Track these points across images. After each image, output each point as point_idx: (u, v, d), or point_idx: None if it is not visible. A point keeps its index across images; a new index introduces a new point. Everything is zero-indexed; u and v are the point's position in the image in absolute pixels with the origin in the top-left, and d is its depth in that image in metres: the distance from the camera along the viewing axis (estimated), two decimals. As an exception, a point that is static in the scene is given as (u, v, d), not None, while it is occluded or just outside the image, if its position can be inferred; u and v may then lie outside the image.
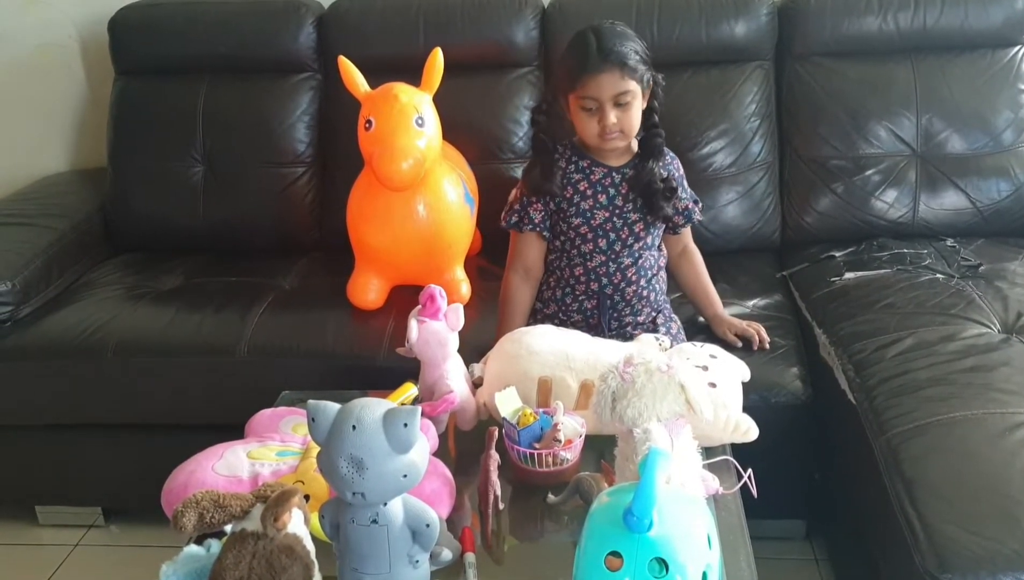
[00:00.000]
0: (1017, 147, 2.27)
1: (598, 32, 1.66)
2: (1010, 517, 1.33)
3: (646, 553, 1.00)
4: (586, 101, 1.66)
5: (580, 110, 1.68)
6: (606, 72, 1.63)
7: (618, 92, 1.64)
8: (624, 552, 1.01)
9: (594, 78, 1.63)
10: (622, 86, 1.64)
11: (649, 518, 1.00)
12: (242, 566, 1.05)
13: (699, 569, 1.02)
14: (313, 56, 2.48)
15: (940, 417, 1.55)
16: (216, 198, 2.46)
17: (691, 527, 1.05)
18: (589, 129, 1.69)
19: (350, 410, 1.04)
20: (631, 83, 1.64)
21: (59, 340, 2.08)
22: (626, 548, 1.01)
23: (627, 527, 1.01)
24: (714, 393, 1.46)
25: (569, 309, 1.84)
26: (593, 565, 1.02)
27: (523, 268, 1.84)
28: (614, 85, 1.63)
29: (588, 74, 1.63)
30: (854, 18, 2.30)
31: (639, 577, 1.00)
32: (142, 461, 1.91)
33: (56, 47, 2.72)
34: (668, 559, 1.01)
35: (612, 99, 1.64)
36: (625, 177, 1.77)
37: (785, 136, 2.37)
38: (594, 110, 1.66)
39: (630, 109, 1.66)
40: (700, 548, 1.03)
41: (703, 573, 1.03)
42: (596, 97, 1.65)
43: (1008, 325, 1.84)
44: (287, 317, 2.09)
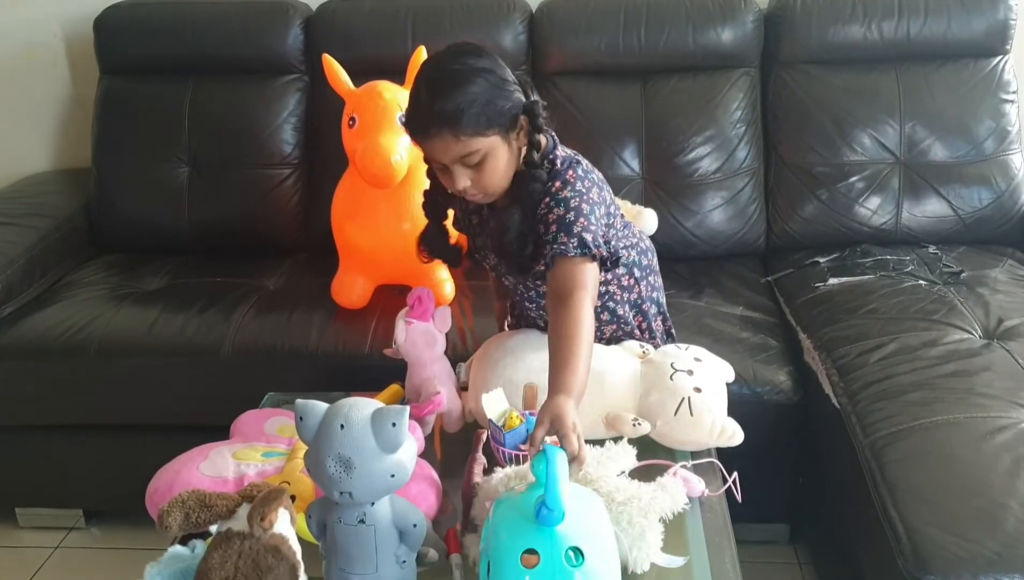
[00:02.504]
0: (999, 156, 2.30)
1: (430, 81, 1.33)
2: (991, 519, 1.34)
3: (562, 544, 1.02)
4: (433, 163, 1.39)
5: (433, 167, 1.40)
6: (435, 137, 1.31)
7: (460, 155, 1.32)
8: (539, 547, 1.02)
9: (426, 143, 1.33)
10: (461, 149, 1.31)
11: (561, 510, 1.02)
12: (228, 566, 1.04)
13: (614, 553, 1.05)
14: (300, 58, 2.47)
15: (922, 421, 1.57)
16: (201, 199, 2.45)
17: (597, 516, 1.08)
18: (448, 186, 1.41)
19: (338, 409, 1.04)
20: (475, 141, 1.30)
21: (42, 340, 2.07)
22: (541, 543, 1.02)
23: (540, 522, 1.02)
24: (699, 397, 1.47)
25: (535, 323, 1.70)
26: (509, 565, 1.02)
27: None
28: (450, 150, 1.31)
29: (419, 136, 1.34)
30: (839, 26, 2.32)
31: (557, 569, 1.00)
32: (124, 463, 1.90)
33: (41, 46, 2.70)
34: (583, 546, 1.02)
35: (457, 161, 1.33)
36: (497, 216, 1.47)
37: (770, 142, 2.39)
38: (443, 170, 1.37)
39: (485, 167, 1.34)
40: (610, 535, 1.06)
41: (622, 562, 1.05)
42: (437, 161, 1.36)
43: (989, 331, 1.86)
44: (272, 318, 2.08)
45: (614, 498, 1.22)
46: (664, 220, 2.17)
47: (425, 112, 1.31)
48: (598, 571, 1.03)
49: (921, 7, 2.30)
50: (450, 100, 1.28)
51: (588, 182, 1.44)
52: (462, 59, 1.33)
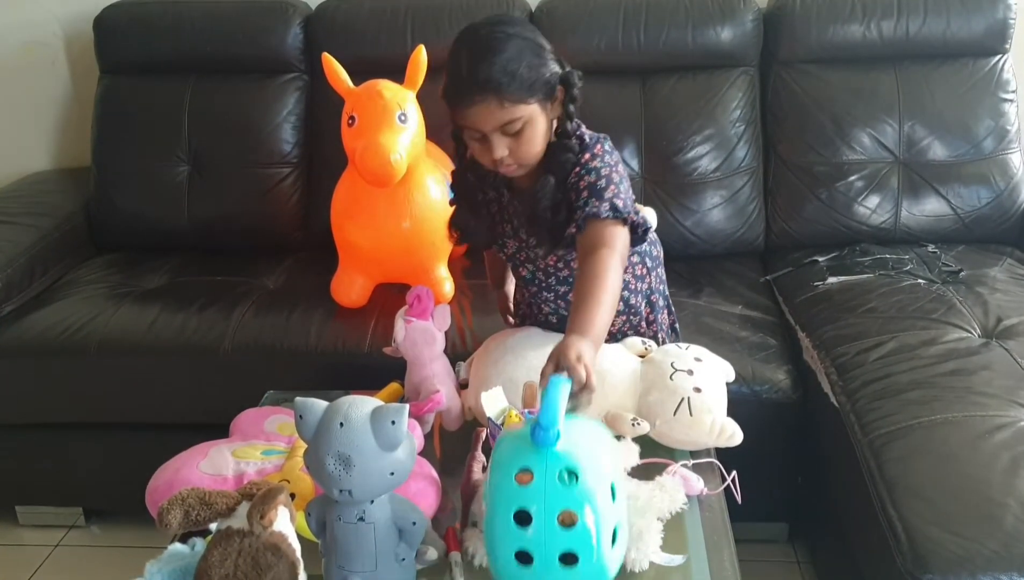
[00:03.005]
0: (998, 155, 2.30)
1: (472, 48, 1.33)
2: (990, 518, 1.35)
3: (555, 465, 1.04)
4: (469, 132, 1.37)
5: (468, 138, 1.40)
6: (479, 104, 1.30)
7: (502, 123, 1.32)
8: (533, 466, 1.04)
9: (468, 110, 1.32)
10: (504, 116, 1.31)
11: (555, 430, 1.03)
12: (228, 564, 1.04)
13: (607, 481, 1.05)
14: (300, 57, 2.48)
15: (921, 420, 1.57)
16: (201, 198, 2.45)
17: (596, 444, 1.10)
18: (482, 159, 1.40)
19: (338, 407, 1.04)
20: (518, 108, 1.31)
21: (42, 339, 2.07)
22: (535, 462, 1.04)
23: (535, 442, 1.04)
24: (699, 397, 1.47)
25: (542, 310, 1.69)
26: (504, 483, 1.05)
27: None
28: (493, 117, 1.31)
29: (462, 105, 1.32)
30: (839, 25, 2.32)
31: (550, 487, 1.03)
32: (124, 461, 1.90)
33: (41, 45, 2.70)
34: (576, 469, 1.04)
35: (497, 129, 1.33)
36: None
37: (770, 142, 2.39)
38: (481, 140, 1.36)
39: (524, 136, 1.34)
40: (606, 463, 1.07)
41: (611, 486, 1.06)
42: (477, 129, 1.35)
43: (988, 330, 1.87)
44: (271, 316, 2.08)
45: None
46: (663, 219, 2.17)
47: (468, 80, 1.30)
48: (591, 493, 1.03)
49: (920, 6, 2.30)
50: (495, 66, 1.29)
51: (615, 158, 1.44)
52: (503, 27, 1.34)
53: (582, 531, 1.04)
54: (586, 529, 1.04)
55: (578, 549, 1.04)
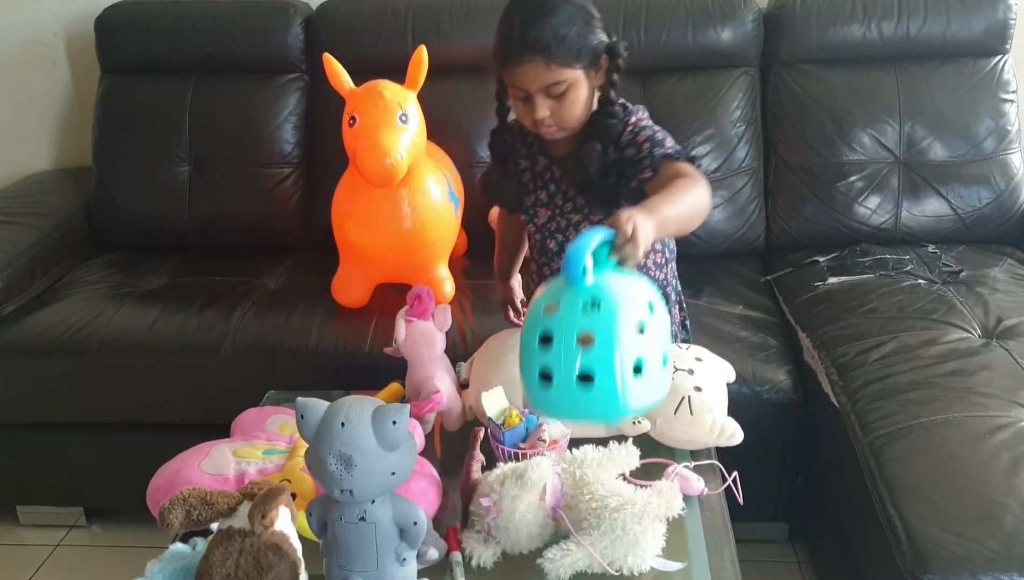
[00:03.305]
0: (998, 155, 2.30)
1: (526, 10, 1.37)
2: (990, 518, 1.35)
3: (579, 295, 1.08)
4: (515, 90, 1.41)
5: (513, 97, 1.44)
6: (528, 63, 1.35)
7: (547, 84, 1.37)
8: (561, 298, 1.09)
9: (517, 69, 1.36)
10: (550, 77, 1.36)
11: (582, 265, 1.07)
12: (229, 563, 1.04)
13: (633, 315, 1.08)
14: (301, 57, 2.48)
15: (922, 420, 1.57)
16: (202, 198, 2.45)
17: (627, 286, 1.11)
18: (523, 119, 1.45)
19: (339, 407, 1.04)
20: (564, 72, 1.36)
21: (42, 339, 2.07)
22: (564, 295, 1.09)
23: (564, 276, 1.09)
24: (699, 397, 1.48)
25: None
26: (534, 312, 1.12)
27: (505, 213, 1.74)
28: (540, 77, 1.36)
29: (511, 63, 1.37)
30: (839, 26, 2.32)
31: (572, 313, 1.07)
32: (125, 461, 1.90)
33: (42, 45, 2.70)
34: (599, 299, 1.07)
35: (542, 90, 1.37)
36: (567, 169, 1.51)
37: (770, 142, 2.39)
38: (525, 99, 1.41)
39: (567, 99, 1.39)
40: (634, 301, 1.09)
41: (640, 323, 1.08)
42: (523, 88, 1.39)
43: (988, 330, 1.87)
44: (272, 316, 2.08)
45: (607, 504, 1.22)
46: (664, 219, 2.17)
47: (520, 40, 1.34)
48: (610, 318, 1.06)
49: (921, 7, 2.30)
50: (547, 28, 1.33)
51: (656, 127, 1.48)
52: None
53: (598, 351, 1.06)
54: (602, 349, 1.06)
55: (594, 369, 1.06)
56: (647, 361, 1.09)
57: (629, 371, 1.07)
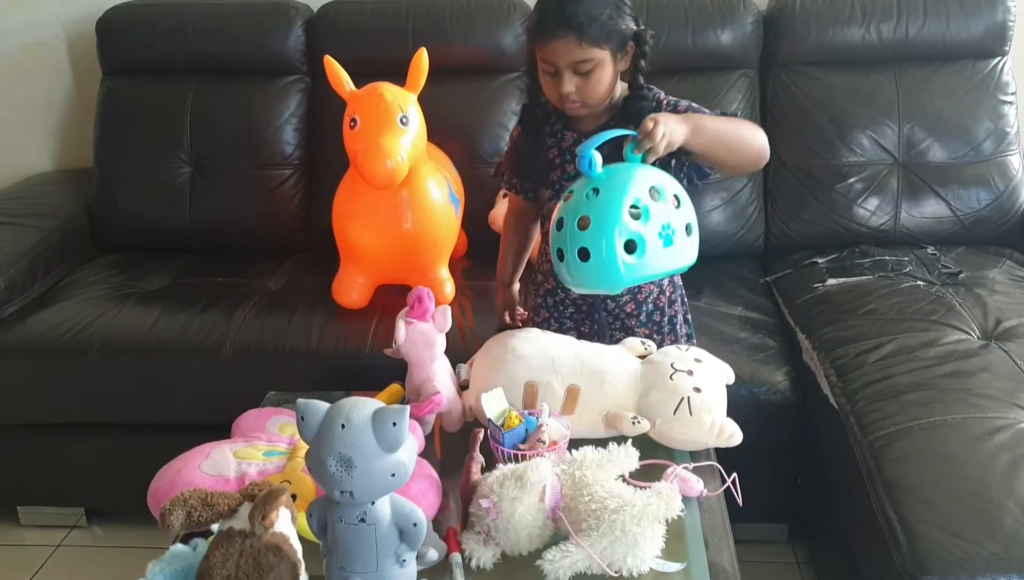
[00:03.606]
0: (997, 157, 2.31)
1: None
2: (989, 519, 1.35)
3: (585, 185, 1.33)
4: (545, 64, 1.49)
5: (542, 72, 1.51)
6: (560, 39, 1.43)
7: (576, 60, 1.44)
8: (575, 188, 1.36)
9: (549, 44, 1.45)
10: (579, 55, 1.43)
11: (588, 157, 1.31)
12: (229, 564, 1.05)
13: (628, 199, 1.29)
14: (302, 59, 2.48)
15: (921, 421, 1.58)
16: (203, 199, 2.46)
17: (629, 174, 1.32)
18: (550, 93, 1.52)
19: (339, 409, 1.05)
20: (592, 51, 1.44)
21: (44, 339, 2.08)
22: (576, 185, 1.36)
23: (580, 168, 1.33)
24: (698, 397, 1.48)
25: (559, 297, 1.73)
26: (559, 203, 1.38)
27: (517, 212, 1.78)
28: (570, 53, 1.43)
29: (544, 38, 1.45)
30: (838, 28, 2.33)
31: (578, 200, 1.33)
32: (126, 462, 1.90)
33: (43, 47, 2.71)
34: (599, 185, 1.32)
35: (570, 67, 1.45)
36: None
37: (770, 143, 2.38)
38: (553, 75, 1.48)
39: (592, 77, 1.46)
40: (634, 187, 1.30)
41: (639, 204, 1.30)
42: (553, 63, 1.46)
43: (987, 331, 1.87)
44: (273, 317, 2.09)
45: (607, 505, 1.22)
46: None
47: (555, 15, 1.43)
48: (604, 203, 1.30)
49: (920, 9, 2.30)
50: (581, 8, 1.42)
51: None
52: None
53: (591, 232, 1.30)
54: (593, 230, 1.29)
55: (589, 246, 1.30)
56: (646, 237, 1.30)
57: (619, 248, 1.29)
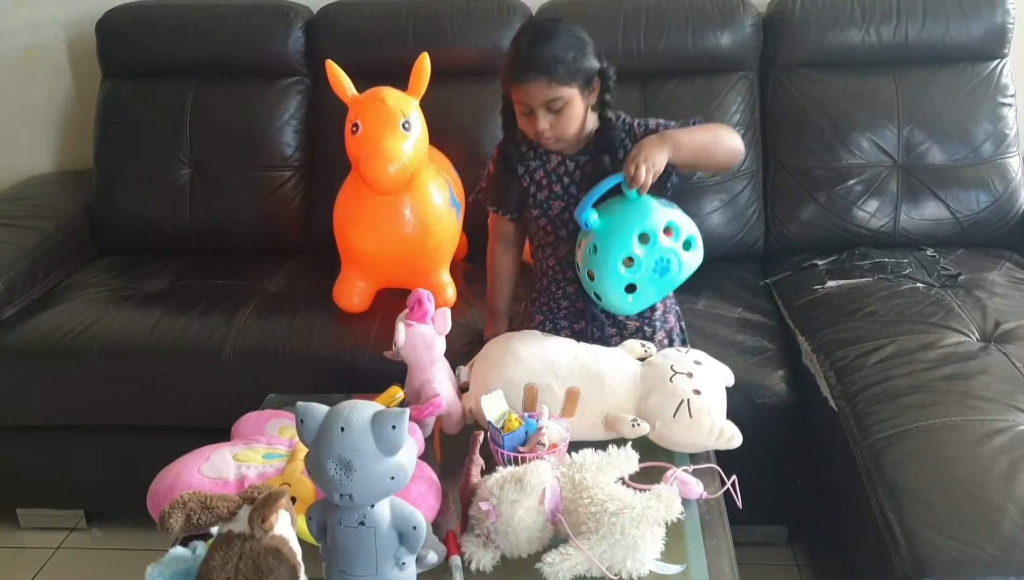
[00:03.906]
0: (996, 159, 2.31)
1: (532, 37, 1.62)
2: (988, 522, 1.35)
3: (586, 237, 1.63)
4: (520, 105, 1.64)
5: (518, 112, 1.66)
6: (532, 81, 1.58)
7: (547, 99, 1.60)
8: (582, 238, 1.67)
9: (522, 86, 1.60)
10: (550, 94, 1.59)
11: (585, 214, 1.59)
12: (229, 567, 1.05)
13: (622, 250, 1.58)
14: (301, 60, 2.48)
15: (920, 424, 1.57)
16: (203, 201, 2.46)
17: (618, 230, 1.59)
18: (527, 130, 1.68)
19: (339, 412, 1.05)
20: (562, 90, 1.59)
21: (44, 341, 2.07)
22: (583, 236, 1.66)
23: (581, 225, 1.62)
24: (698, 400, 1.48)
25: (555, 296, 1.84)
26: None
27: (502, 237, 1.88)
28: (541, 93, 1.59)
29: (517, 81, 1.61)
30: (838, 30, 2.33)
31: (586, 253, 1.63)
32: (125, 464, 1.91)
33: (43, 48, 2.71)
34: (597, 243, 1.61)
35: (543, 105, 1.61)
36: (580, 165, 1.73)
37: (769, 146, 2.39)
38: (528, 114, 1.64)
39: (564, 114, 1.62)
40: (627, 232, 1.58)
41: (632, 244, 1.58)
42: (526, 104, 1.62)
43: (986, 334, 1.87)
44: (273, 320, 2.09)
45: (606, 508, 1.22)
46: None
47: (527, 60, 1.58)
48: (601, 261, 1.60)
49: (919, 11, 2.30)
50: (549, 51, 1.57)
51: None
52: (559, 23, 1.65)
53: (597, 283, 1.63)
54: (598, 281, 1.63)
55: (599, 293, 1.65)
56: (642, 279, 1.60)
57: (621, 292, 1.61)
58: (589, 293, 1.69)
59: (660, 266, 1.61)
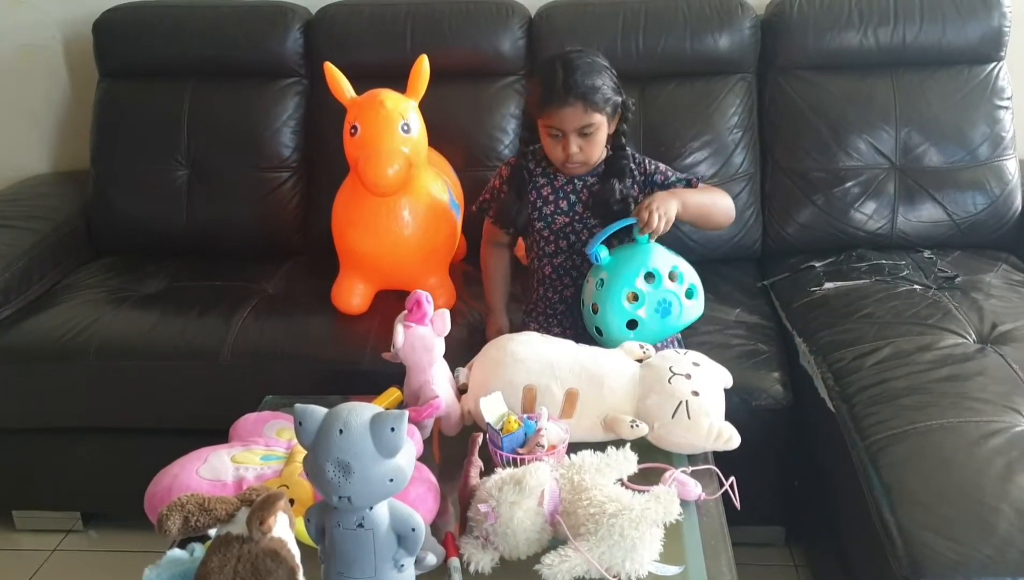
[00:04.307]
0: (993, 161, 2.31)
1: (566, 65, 1.69)
2: (985, 523, 1.35)
3: (596, 275, 1.72)
4: (551, 130, 1.72)
5: (547, 136, 1.74)
6: (569, 107, 1.67)
7: (582, 125, 1.69)
8: (592, 275, 1.74)
9: (558, 111, 1.68)
10: (585, 120, 1.68)
11: (593, 252, 1.70)
12: (227, 570, 1.04)
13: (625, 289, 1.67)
14: (300, 61, 2.48)
15: (917, 425, 1.58)
16: (200, 202, 2.45)
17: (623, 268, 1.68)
18: (553, 153, 1.75)
19: (337, 414, 1.05)
20: (595, 116, 1.69)
21: (40, 343, 2.07)
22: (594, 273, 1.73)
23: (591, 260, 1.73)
24: (696, 401, 1.48)
25: (552, 301, 1.89)
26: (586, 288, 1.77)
27: (496, 242, 1.94)
28: (577, 119, 1.68)
29: (553, 106, 1.68)
30: (836, 33, 2.33)
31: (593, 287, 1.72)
32: (122, 465, 1.90)
33: (40, 48, 2.70)
34: (605, 281, 1.69)
35: (576, 130, 1.70)
36: (587, 185, 1.80)
37: (767, 148, 2.40)
38: (558, 137, 1.72)
39: (593, 139, 1.71)
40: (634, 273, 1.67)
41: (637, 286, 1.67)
42: (560, 128, 1.70)
43: (983, 335, 1.87)
44: (271, 321, 2.09)
45: (605, 509, 1.22)
46: (661, 224, 2.18)
47: (564, 87, 1.67)
48: (606, 297, 1.68)
49: (916, 14, 2.31)
50: (588, 80, 1.68)
51: None
52: (590, 54, 1.74)
53: (600, 316, 1.70)
54: (601, 315, 1.69)
55: (601, 327, 1.70)
56: (644, 318, 1.67)
57: (623, 327, 1.67)
58: (591, 329, 1.74)
59: (662, 307, 1.68)
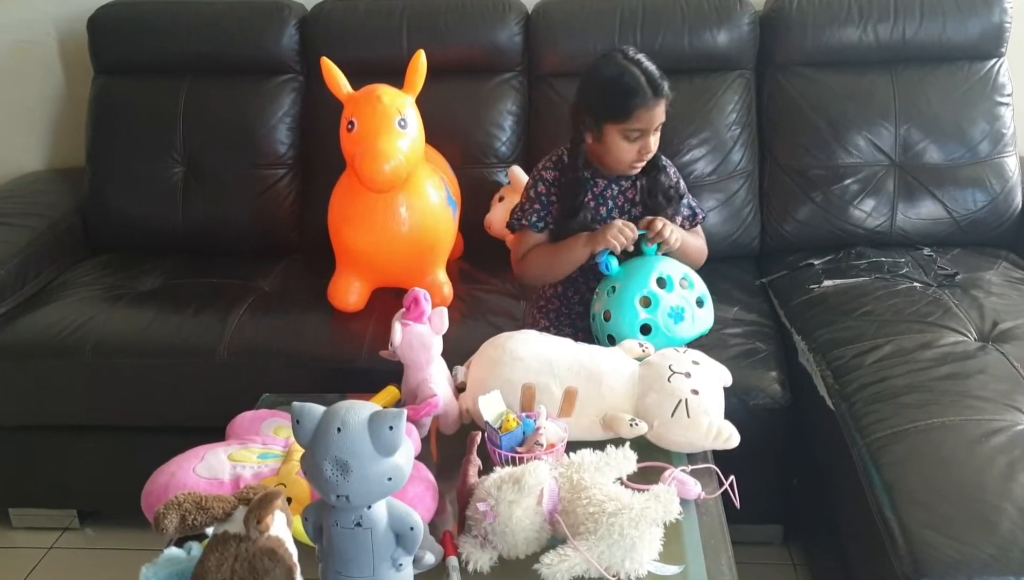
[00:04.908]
0: (993, 158, 2.31)
1: (640, 65, 1.70)
2: (986, 522, 1.35)
3: (607, 284, 1.75)
4: (632, 132, 1.71)
5: (622, 140, 1.73)
6: (657, 107, 1.70)
7: (661, 121, 1.73)
8: (601, 289, 1.77)
9: (648, 112, 1.69)
10: (663, 116, 1.73)
11: (603, 261, 1.72)
12: (224, 568, 1.04)
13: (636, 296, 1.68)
14: (295, 58, 2.47)
15: (917, 423, 1.57)
16: (196, 199, 2.44)
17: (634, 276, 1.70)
18: (627, 156, 1.74)
19: (335, 412, 1.04)
20: (666, 111, 1.73)
21: (36, 340, 2.06)
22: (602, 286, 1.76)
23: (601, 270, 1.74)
24: (696, 399, 1.48)
25: (571, 301, 1.90)
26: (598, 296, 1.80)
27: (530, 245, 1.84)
28: (661, 115, 1.72)
29: (643, 108, 1.69)
30: (835, 29, 2.33)
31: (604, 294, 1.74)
32: (119, 463, 1.90)
33: (34, 45, 2.69)
34: (616, 287, 1.71)
35: (656, 127, 1.73)
36: (622, 189, 1.82)
37: (765, 145, 2.39)
38: (638, 138, 1.72)
39: (658, 134, 1.75)
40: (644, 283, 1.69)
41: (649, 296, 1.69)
42: (644, 128, 1.71)
43: (984, 333, 1.87)
44: (267, 319, 2.08)
45: (604, 508, 1.22)
46: (659, 222, 2.17)
47: (652, 86, 1.69)
48: (617, 303, 1.70)
49: (916, 10, 2.30)
50: (663, 77, 1.71)
51: None
52: (638, 51, 1.75)
53: (613, 323, 1.70)
54: (614, 322, 1.70)
55: (614, 334, 1.70)
56: (657, 321, 1.68)
57: (634, 333, 1.67)
58: (602, 337, 1.73)
59: (675, 312, 1.69)
